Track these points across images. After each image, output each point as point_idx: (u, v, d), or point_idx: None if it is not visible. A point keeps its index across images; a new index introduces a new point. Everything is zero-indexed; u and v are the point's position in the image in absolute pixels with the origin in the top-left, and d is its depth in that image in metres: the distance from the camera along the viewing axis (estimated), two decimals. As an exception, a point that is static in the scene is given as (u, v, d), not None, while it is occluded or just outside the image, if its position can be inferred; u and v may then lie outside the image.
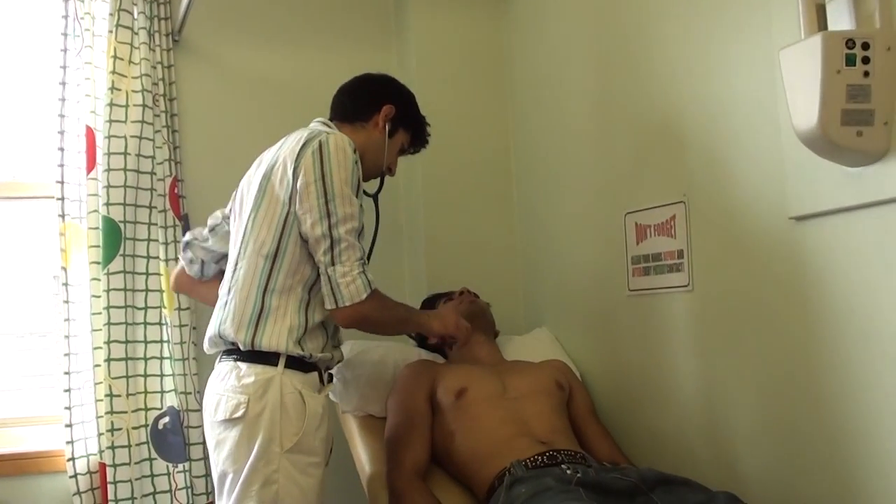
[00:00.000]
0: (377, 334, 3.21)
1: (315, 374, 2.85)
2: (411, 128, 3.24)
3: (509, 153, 4.35)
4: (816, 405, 2.62)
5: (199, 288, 3.39)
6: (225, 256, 3.21)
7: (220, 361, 2.89)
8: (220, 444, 2.75)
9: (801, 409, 2.68)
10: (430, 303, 3.77)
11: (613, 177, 3.51)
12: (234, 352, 2.82)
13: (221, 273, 3.14)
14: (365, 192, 2.98)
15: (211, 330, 2.90)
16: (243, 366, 2.77)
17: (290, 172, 2.76)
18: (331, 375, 3.01)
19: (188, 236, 3.32)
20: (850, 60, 2.21)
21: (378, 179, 3.22)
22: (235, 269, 2.86)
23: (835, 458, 2.57)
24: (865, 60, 2.22)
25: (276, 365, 2.75)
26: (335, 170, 2.73)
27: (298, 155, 2.77)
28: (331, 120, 3.14)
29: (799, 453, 2.71)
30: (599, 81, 3.60)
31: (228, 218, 3.16)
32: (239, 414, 2.70)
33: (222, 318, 2.84)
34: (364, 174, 2.96)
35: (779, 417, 2.77)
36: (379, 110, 3.12)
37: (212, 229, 3.26)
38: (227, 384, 2.77)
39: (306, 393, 2.77)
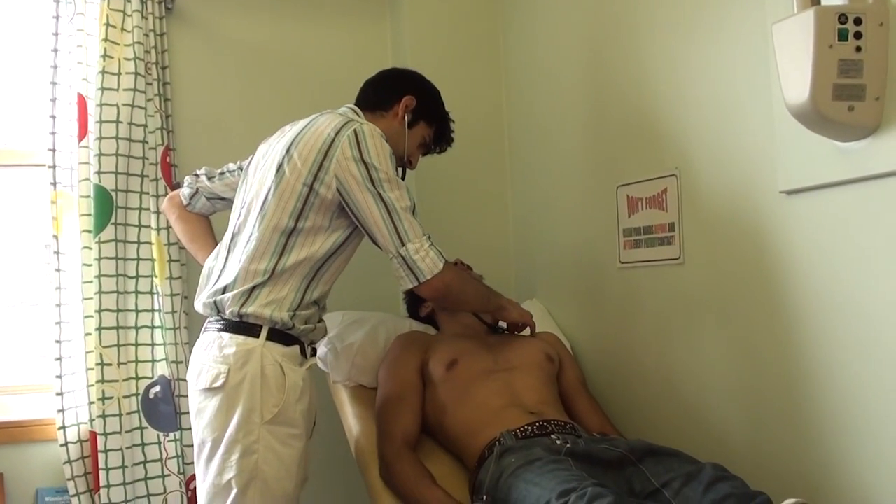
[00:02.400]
0: (459, 309, 3.37)
1: (296, 348, 2.86)
2: (434, 122, 3.28)
3: (502, 126, 4.35)
4: (806, 378, 2.63)
5: (181, 213, 3.38)
6: (219, 199, 3.28)
7: (204, 331, 2.91)
8: (200, 412, 2.80)
9: (788, 381, 2.69)
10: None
11: (606, 150, 3.51)
12: (219, 320, 2.84)
13: (205, 213, 3.28)
14: None
15: (208, 295, 2.91)
16: (226, 336, 2.80)
17: (318, 156, 2.79)
18: (314, 350, 3.01)
19: (202, 169, 3.35)
20: (843, 35, 2.20)
21: (401, 171, 3.20)
22: (245, 239, 2.87)
23: (824, 432, 2.58)
24: (858, 35, 2.21)
25: (257, 336, 2.77)
26: (375, 155, 2.78)
27: (332, 141, 2.79)
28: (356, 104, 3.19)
29: (788, 426, 2.72)
30: (592, 55, 3.60)
31: (240, 170, 3.20)
32: (219, 383, 2.73)
33: (225, 286, 2.85)
34: None
35: (765, 389, 2.78)
36: (399, 100, 3.16)
37: (221, 174, 3.29)
38: (209, 354, 2.80)
39: (287, 365, 2.78)
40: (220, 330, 2.82)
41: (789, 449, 2.71)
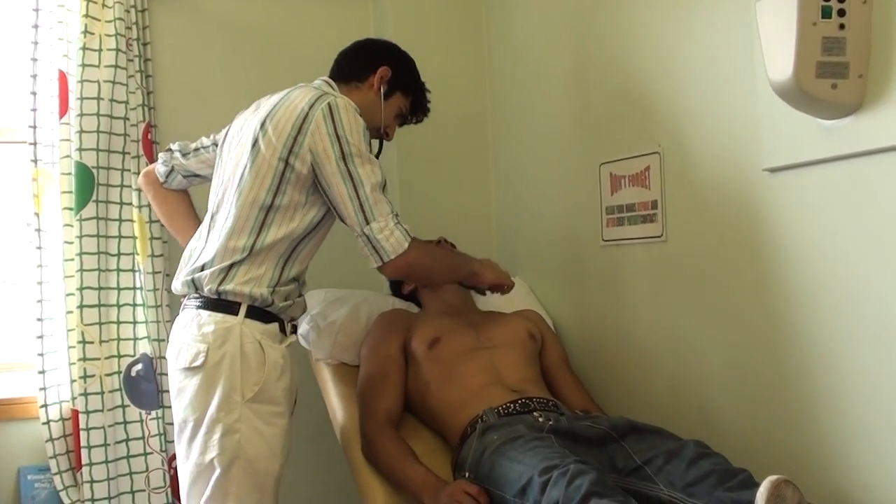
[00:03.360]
0: (428, 283, 3.39)
1: (276, 325, 2.84)
2: (410, 93, 3.22)
3: (485, 104, 4.34)
4: (787, 355, 2.64)
5: (158, 192, 3.33)
6: (195, 176, 3.26)
7: (183, 308, 2.89)
8: (181, 391, 2.78)
9: (771, 358, 2.70)
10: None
11: (588, 127, 3.51)
12: (197, 298, 2.83)
13: (183, 189, 3.28)
14: None
15: (186, 274, 2.88)
16: (204, 314, 2.78)
17: (293, 131, 2.76)
18: (294, 326, 2.99)
19: (176, 144, 3.29)
20: (826, 13, 2.21)
21: (377, 144, 3.17)
22: (224, 217, 2.84)
23: (803, 407, 2.60)
24: (841, 13, 2.22)
25: (236, 314, 2.76)
26: (349, 130, 2.75)
27: (306, 116, 2.76)
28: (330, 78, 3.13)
29: (767, 402, 2.73)
30: (575, 32, 3.59)
31: (215, 146, 3.16)
32: (199, 362, 2.72)
33: (204, 264, 2.83)
34: None
35: (748, 367, 2.80)
36: (375, 71, 3.11)
37: (196, 150, 3.25)
38: (188, 332, 2.79)
39: (266, 343, 2.77)
40: (198, 308, 2.80)
41: (772, 426, 2.72)
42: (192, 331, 2.77)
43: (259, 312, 2.79)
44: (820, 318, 2.52)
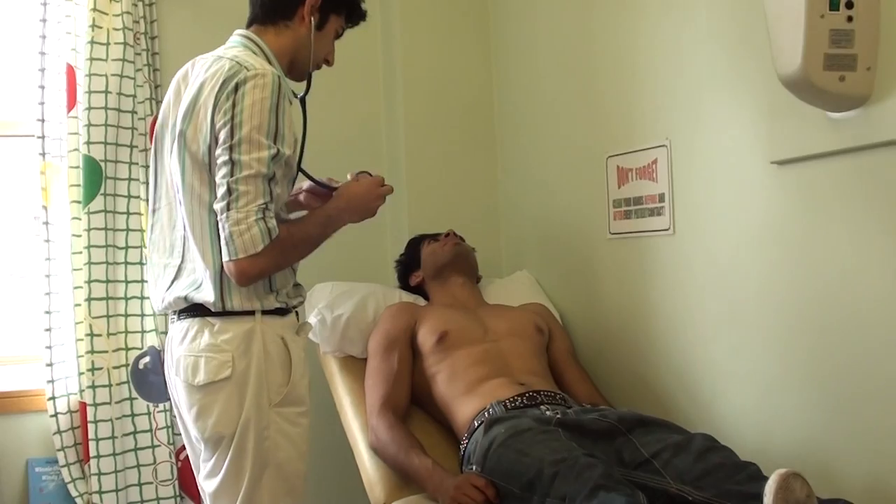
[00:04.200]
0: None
1: (293, 315, 2.68)
2: (343, 8, 2.83)
3: (492, 97, 4.33)
4: (793, 347, 2.64)
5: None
6: None
7: (178, 320, 2.62)
8: (205, 408, 2.53)
9: (778, 351, 2.70)
10: (416, 243, 3.78)
11: (596, 120, 3.51)
12: (199, 309, 2.56)
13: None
14: (294, 94, 2.67)
15: (175, 292, 2.60)
16: (217, 321, 2.53)
17: (208, 118, 2.48)
18: (297, 313, 2.77)
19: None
20: (834, 5, 2.21)
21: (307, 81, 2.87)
22: (184, 224, 2.59)
23: (811, 400, 2.60)
24: (849, 5, 2.22)
25: (252, 315, 2.54)
26: (246, 113, 2.43)
27: (217, 95, 2.47)
28: (249, 27, 2.82)
29: (775, 395, 2.73)
30: (582, 25, 3.59)
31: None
32: (225, 374, 2.48)
33: (195, 282, 2.57)
34: (296, 76, 2.77)
35: (756, 360, 2.79)
36: (302, 2, 2.73)
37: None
38: (201, 343, 2.53)
39: (288, 338, 2.59)
40: (204, 316, 2.55)
41: (780, 419, 2.72)
42: (207, 340, 2.52)
43: (274, 310, 2.59)
44: (828, 310, 2.52)
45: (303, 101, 2.79)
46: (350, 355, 3.53)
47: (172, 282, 2.64)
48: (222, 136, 2.44)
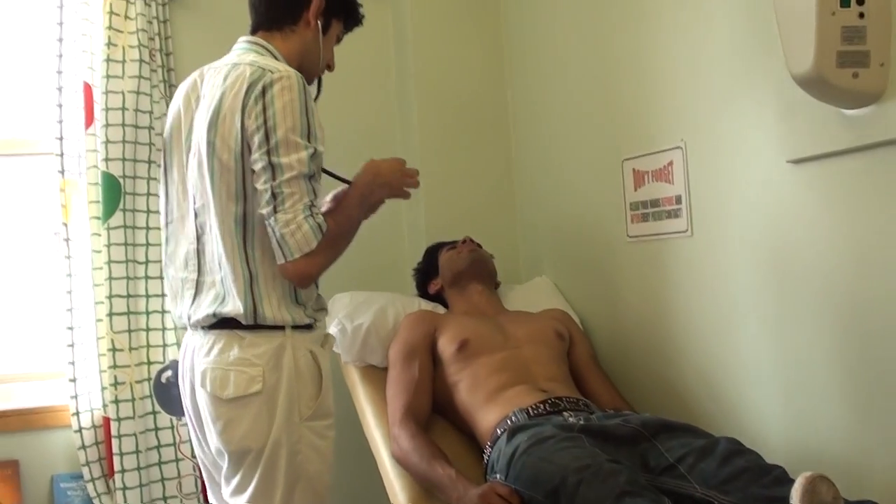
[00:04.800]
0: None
1: (319, 329, 2.69)
2: (342, 13, 2.88)
3: (507, 101, 4.33)
4: (815, 347, 2.63)
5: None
6: None
7: (203, 332, 2.61)
8: (232, 422, 2.51)
9: (800, 351, 2.69)
10: (433, 251, 3.79)
11: (610, 123, 3.51)
12: (228, 323, 2.56)
13: None
14: None
15: (203, 310, 2.59)
16: (247, 335, 2.52)
17: (238, 124, 2.49)
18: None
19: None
20: (845, 2, 2.21)
21: (315, 85, 2.89)
22: (210, 242, 2.60)
23: (836, 400, 2.59)
24: (860, 2, 2.22)
25: (283, 329, 2.54)
26: (279, 116, 2.45)
27: (244, 101, 2.48)
28: (254, 32, 2.83)
29: (799, 396, 2.72)
30: (596, 27, 3.59)
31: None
32: (255, 389, 2.48)
33: (217, 295, 2.57)
34: (308, 81, 2.66)
35: (778, 361, 2.79)
36: (308, 6, 2.76)
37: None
38: (230, 356, 2.52)
39: (317, 351, 2.60)
40: (232, 328, 2.54)
41: (805, 421, 2.71)
42: (237, 354, 2.51)
43: (303, 325, 2.59)
44: (846, 309, 2.51)
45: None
46: (371, 364, 3.53)
47: (194, 298, 2.64)
48: (256, 140, 2.45)
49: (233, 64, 2.64)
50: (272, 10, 2.80)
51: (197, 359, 2.61)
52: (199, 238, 2.63)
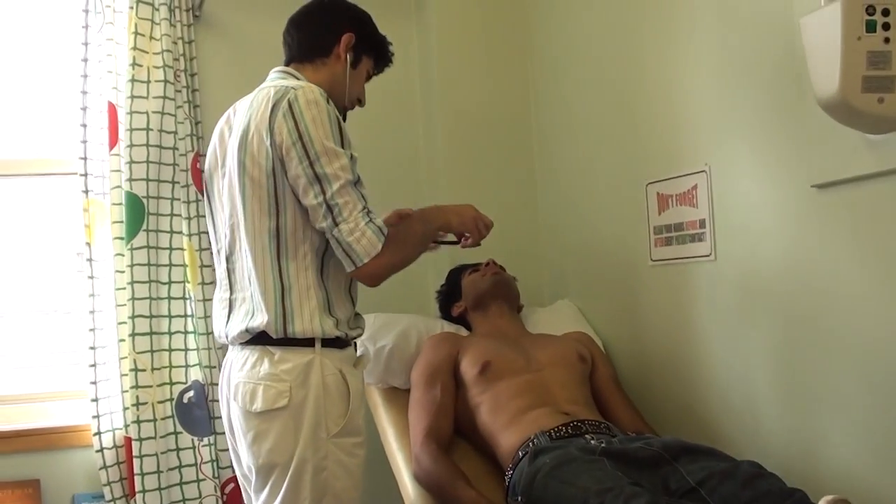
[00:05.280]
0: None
1: (351, 349, 2.72)
2: (373, 51, 2.98)
3: (530, 124, 4.34)
4: (838, 372, 2.62)
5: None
6: None
7: (240, 348, 2.68)
8: (261, 435, 2.56)
9: (825, 379, 2.68)
10: (457, 274, 3.79)
11: (634, 147, 3.51)
12: (261, 338, 2.62)
13: None
14: None
15: (236, 327, 2.67)
16: (277, 351, 2.58)
17: (267, 141, 2.55)
18: (356, 345, 2.82)
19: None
20: (871, 27, 2.20)
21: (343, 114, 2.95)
22: (240, 259, 2.68)
23: (860, 429, 2.57)
24: (886, 27, 2.21)
25: (312, 346, 2.58)
26: (311, 128, 2.52)
27: (270, 119, 2.55)
28: (287, 64, 2.93)
29: (821, 420, 2.71)
30: (620, 52, 3.59)
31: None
32: (282, 403, 2.52)
33: (248, 311, 2.64)
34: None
35: (801, 386, 2.77)
36: (338, 41, 2.86)
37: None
38: (260, 371, 2.58)
39: (346, 370, 2.62)
40: (264, 344, 2.60)
41: (827, 444, 2.70)
42: (267, 369, 2.57)
43: (334, 340, 2.63)
44: (872, 335, 2.49)
45: None
46: (393, 386, 3.54)
47: (228, 316, 2.73)
48: (295, 155, 2.52)
49: (258, 90, 2.74)
50: (304, 43, 2.91)
51: (233, 373, 2.68)
52: (228, 258, 2.72)
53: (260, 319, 2.58)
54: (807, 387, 2.75)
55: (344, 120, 2.87)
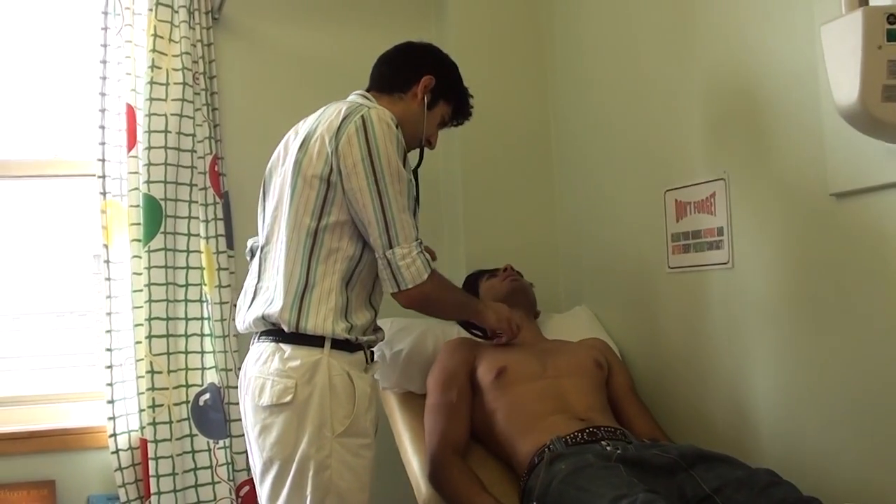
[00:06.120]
0: (436, 317, 3.19)
1: (361, 354, 2.77)
2: (453, 100, 3.13)
3: (549, 130, 4.34)
4: (857, 382, 2.61)
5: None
6: None
7: (257, 342, 2.81)
8: (266, 429, 2.67)
9: (842, 386, 2.67)
10: (474, 279, 3.78)
11: (653, 154, 3.50)
12: (274, 332, 2.75)
13: None
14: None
15: (254, 312, 2.80)
16: (287, 348, 2.69)
17: (329, 147, 2.68)
18: (372, 353, 2.89)
19: (250, 242, 3.18)
20: (892, 35, 2.19)
21: (417, 153, 3.11)
22: (276, 248, 2.79)
23: (874, 433, 2.56)
24: (907, 36, 2.20)
25: (321, 346, 2.68)
26: (382, 146, 2.66)
27: (338, 130, 2.68)
28: (369, 90, 3.05)
29: (837, 429, 2.70)
30: (640, 58, 3.59)
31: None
32: (287, 399, 2.62)
33: (268, 299, 2.76)
34: None
35: (819, 394, 2.76)
36: (418, 81, 3.01)
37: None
38: (270, 367, 2.69)
39: (354, 374, 2.69)
40: (277, 341, 2.72)
41: (843, 454, 2.69)
42: (276, 366, 2.68)
43: (343, 343, 2.71)
44: (890, 344, 2.48)
45: (415, 174, 3.02)
46: (409, 391, 3.53)
47: (252, 302, 2.84)
48: (362, 169, 2.67)
49: (332, 102, 2.89)
50: (386, 76, 3.08)
51: (248, 368, 2.81)
52: (264, 247, 2.85)
53: (277, 307, 2.70)
54: (823, 396, 2.74)
55: (421, 157, 3.08)
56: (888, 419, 2.51)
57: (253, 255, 3.02)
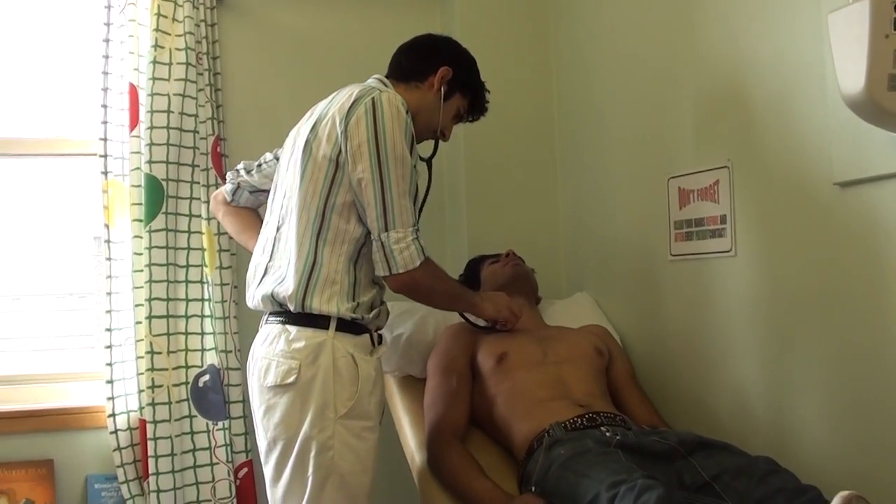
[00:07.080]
0: (427, 304, 3.15)
1: (367, 336, 2.80)
2: (469, 93, 3.16)
3: (553, 117, 4.33)
4: (856, 371, 2.61)
5: (227, 208, 3.35)
6: (260, 191, 3.23)
7: (265, 323, 2.85)
8: (270, 409, 2.72)
9: (840, 375, 2.67)
10: (476, 264, 3.77)
11: (657, 141, 3.49)
12: (282, 313, 2.78)
13: (251, 206, 3.28)
14: (419, 157, 2.92)
15: (262, 290, 2.84)
16: (293, 329, 2.73)
17: (339, 128, 2.70)
18: (381, 337, 2.93)
19: (241, 163, 3.29)
20: (899, 25, 2.18)
21: (432, 144, 3.15)
22: (287, 228, 2.82)
23: (873, 422, 2.56)
24: (914, 25, 2.19)
25: (326, 328, 2.71)
26: (389, 129, 2.68)
27: (349, 111, 2.71)
28: (387, 77, 3.06)
29: (836, 418, 2.70)
30: (644, 45, 3.58)
31: (277, 160, 3.13)
32: (291, 380, 2.66)
33: (279, 277, 2.79)
34: (416, 136, 2.87)
35: (820, 383, 2.76)
36: (435, 72, 3.04)
37: (259, 165, 3.23)
38: (275, 348, 2.74)
39: (358, 356, 2.72)
40: (284, 322, 2.76)
41: (843, 443, 2.68)
42: (281, 346, 2.72)
43: (349, 325, 2.74)
44: (892, 334, 2.48)
45: (429, 163, 3.12)
46: (409, 375, 3.53)
47: (261, 280, 2.87)
48: (366, 150, 2.68)
49: (348, 85, 2.92)
50: (405, 64, 3.10)
51: (256, 348, 2.87)
52: (279, 227, 2.87)
53: (285, 286, 2.75)
54: (823, 385, 2.74)
55: (436, 148, 3.15)
56: (889, 408, 2.51)
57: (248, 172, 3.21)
